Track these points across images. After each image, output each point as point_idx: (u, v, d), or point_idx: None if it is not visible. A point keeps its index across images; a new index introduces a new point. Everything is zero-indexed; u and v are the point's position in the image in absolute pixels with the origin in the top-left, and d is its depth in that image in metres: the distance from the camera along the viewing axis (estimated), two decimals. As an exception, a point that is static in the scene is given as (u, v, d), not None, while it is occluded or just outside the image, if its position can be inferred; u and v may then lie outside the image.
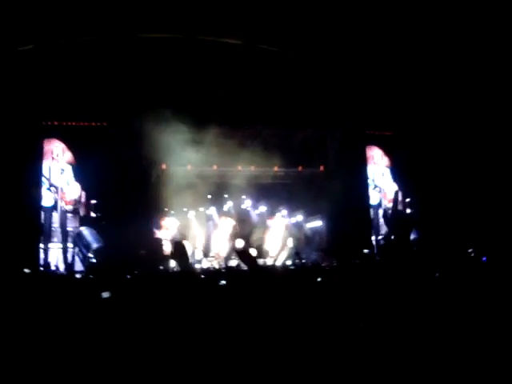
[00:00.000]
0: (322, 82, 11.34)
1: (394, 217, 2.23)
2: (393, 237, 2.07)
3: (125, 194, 10.82)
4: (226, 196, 14.24)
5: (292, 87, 11.15)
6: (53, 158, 11.76)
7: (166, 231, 13.31)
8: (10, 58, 9.42)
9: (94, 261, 10.73)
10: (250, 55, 10.73)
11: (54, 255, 11.35)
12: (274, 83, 11.00)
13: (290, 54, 10.88)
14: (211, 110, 11.19)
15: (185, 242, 2.95)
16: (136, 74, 10.13)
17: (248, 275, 2.36)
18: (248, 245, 12.64)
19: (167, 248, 11.68)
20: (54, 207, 11.63)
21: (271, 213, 14.79)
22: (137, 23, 9.55)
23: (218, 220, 14.41)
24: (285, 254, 13.68)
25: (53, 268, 10.75)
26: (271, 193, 14.19)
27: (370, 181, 13.81)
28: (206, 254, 13.69)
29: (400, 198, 13.42)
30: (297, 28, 10.13)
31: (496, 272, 2.34)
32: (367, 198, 13.41)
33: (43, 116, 10.62)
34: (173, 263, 8.75)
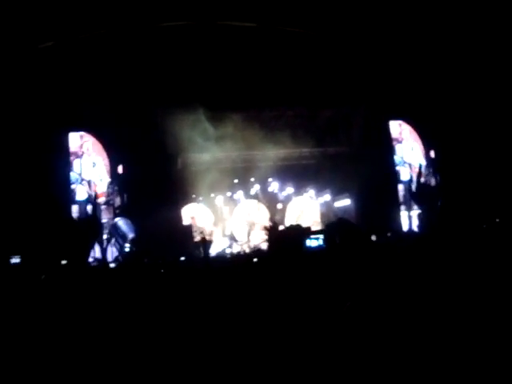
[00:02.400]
0: (342, 60, 11.15)
1: (418, 190, 2.22)
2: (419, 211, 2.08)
3: (153, 183, 11.01)
4: (252, 179, 14.31)
5: (312, 66, 11.02)
6: (83, 153, 12.06)
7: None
8: (31, 55, 9.60)
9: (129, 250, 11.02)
10: (268, 37, 10.63)
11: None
12: (294, 64, 10.89)
13: (308, 34, 10.72)
14: (234, 95, 11.19)
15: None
16: (154, 64, 10.18)
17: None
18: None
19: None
20: (88, 200, 11.94)
21: (298, 193, 14.83)
22: (148, 13, 9.55)
23: (245, 204, 14.54)
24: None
25: (90, 260, 11.09)
26: (298, 174, 14.18)
27: (398, 157, 13.61)
28: (235, 239, 13.86)
29: (426, 171, 13.21)
30: (314, 6, 9.96)
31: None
32: (395, 174, 13.22)
33: (66, 111, 10.81)
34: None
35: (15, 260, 8.05)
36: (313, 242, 2.52)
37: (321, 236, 2.53)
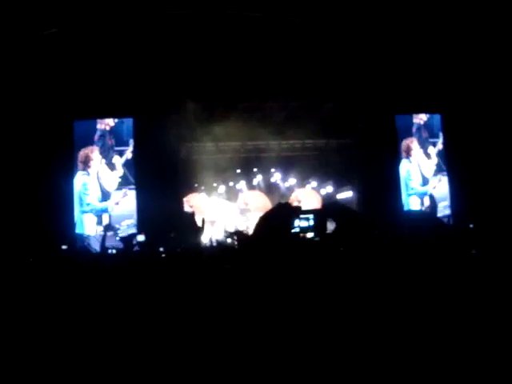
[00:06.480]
0: (348, 53, 11.06)
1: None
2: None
3: (156, 173, 11.03)
4: (255, 170, 14.35)
5: (317, 58, 10.95)
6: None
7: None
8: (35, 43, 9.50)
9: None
10: (272, 28, 10.55)
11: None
12: (298, 55, 10.83)
13: (314, 25, 10.64)
14: (237, 85, 11.17)
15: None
16: (158, 52, 10.14)
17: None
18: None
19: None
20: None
21: (301, 185, 14.85)
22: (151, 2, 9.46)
23: (247, 194, 14.59)
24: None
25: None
26: (300, 165, 14.21)
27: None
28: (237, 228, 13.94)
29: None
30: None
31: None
32: (397, 168, 13.09)
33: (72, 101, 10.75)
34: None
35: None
36: (302, 223, 2.49)
37: (311, 216, 2.48)
